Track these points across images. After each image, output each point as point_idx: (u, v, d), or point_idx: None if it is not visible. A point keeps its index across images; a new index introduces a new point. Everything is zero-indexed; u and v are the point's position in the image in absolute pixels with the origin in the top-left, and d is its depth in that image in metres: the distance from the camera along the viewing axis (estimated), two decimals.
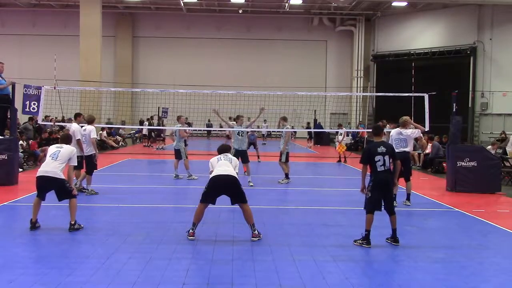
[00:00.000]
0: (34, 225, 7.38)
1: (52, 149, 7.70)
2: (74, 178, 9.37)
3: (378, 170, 6.94)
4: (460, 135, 13.13)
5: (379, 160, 6.93)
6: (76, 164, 8.03)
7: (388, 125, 14.36)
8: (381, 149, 7.01)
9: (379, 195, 6.92)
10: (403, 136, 10.16)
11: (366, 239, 6.86)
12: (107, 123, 26.32)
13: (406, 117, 10.53)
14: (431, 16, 34.81)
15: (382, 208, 7.01)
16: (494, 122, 31.82)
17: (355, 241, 6.97)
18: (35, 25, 38.34)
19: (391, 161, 7.11)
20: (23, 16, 37.89)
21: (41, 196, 7.44)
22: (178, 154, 13.67)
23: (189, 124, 20.98)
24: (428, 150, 18.05)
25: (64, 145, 7.72)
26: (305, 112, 26.84)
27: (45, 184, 7.36)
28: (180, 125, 14.24)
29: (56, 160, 7.39)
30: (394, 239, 6.95)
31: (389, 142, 9.86)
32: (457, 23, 33.21)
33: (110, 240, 6.90)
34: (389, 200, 7.05)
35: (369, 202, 6.95)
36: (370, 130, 9.38)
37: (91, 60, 29.60)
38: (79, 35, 29.99)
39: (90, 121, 11.14)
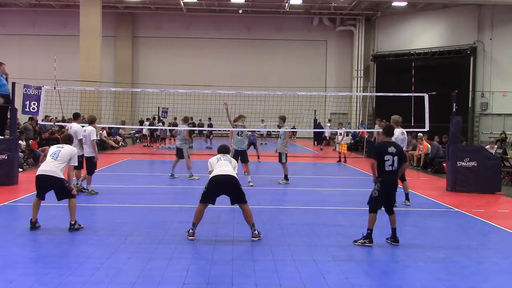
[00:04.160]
0: (34, 225, 7.39)
1: (53, 149, 7.71)
2: (74, 178, 9.37)
3: (386, 169, 6.91)
4: (460, 135, 13.13)
5: (388, 160, 6.91)
6: (76, 164, 8.04)
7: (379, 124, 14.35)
8: (391, 149, 6.99)
9: (385, 196, 6.93)
10: (404, 136, 10.18)
11: (368, 237, 6.85)
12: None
13: (399, 117, 10.47)
14: (431, 16, 34.80)
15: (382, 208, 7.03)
16: (494, 122, 31.83)
17: (355, 241, 6.95)
18: (35, 25, 38.34)
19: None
20: (23, 16, 37.88)
21: (40, 196, 7.44)
22: (180, 154, 13.70)
23: (194, 125, 21.14)
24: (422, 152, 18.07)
25: (65, 145, 7.73)
26: (305, 112, 26.84)
27: (44, 183, 7.36)
28: (185, 125, 14.23)
29: (56, 160, 7.39)
30: (394, 239, 6.95)
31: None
32: (457, 23, 33.21)
33: (110, 240, 6.90)
34: (391, 201, 7.04)
35: (373, 201, 6.95)
36: (372, 130, 9.36)
37: (91, 60, 29.60)
38: (79, 35, 29.99)
39: (91, 121, 11.07)
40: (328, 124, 29.01)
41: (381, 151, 7.00)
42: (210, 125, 28.24)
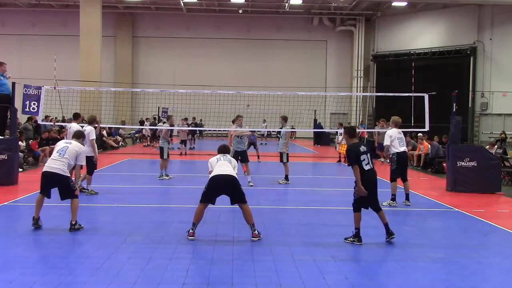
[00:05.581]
0: (36, 222, 7.33)
1: (60, 144, 7.64)
2: (73, 178, 9.36)
3: (365, 169, 6.96)
4: (460, 135, 13.12)
5: (364, 159, 6.97)
6: (84, 164, 7.99)
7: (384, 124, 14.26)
8: (363, 148, 7.08)
9: (367, 195, 6.95)
10: (402, 135, 10.19)
11: (357, 236, 6.93)
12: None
13: (399, 118, 10.52)
14: (431, 16, 34.83)
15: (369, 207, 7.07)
16: (494, 122, 31.86)
17: (345, 239, 7.03)
18: (35, 25, 38.35)
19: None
20: (23, 16, 37.90)
21: (44, 193, 7.37)
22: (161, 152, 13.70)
23: (197, 124, 21.10)
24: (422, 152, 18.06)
25: (73, 141, 7.68)
26: (305, 112, 26.87)
27: (50, 181, 7.31)
28: (167, 124, 14.28)
29: (63, 157, 7.34)
30: (388, 233, 6.97)
31: (389, 141, 9.86)
32: (457, 23, 33.24)
33: (110, 240, 6.89)
34: (374, 198, 7.07)
35: (357, 202, 7.00)
36: (372, 130, 9.34)
37: (91, 60, 29.60)
38: (79, 35, 30.00)
39: (91, 121, 11.07)
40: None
41: (357, 154, 7.00)
42: (195, 125, 27.70)
